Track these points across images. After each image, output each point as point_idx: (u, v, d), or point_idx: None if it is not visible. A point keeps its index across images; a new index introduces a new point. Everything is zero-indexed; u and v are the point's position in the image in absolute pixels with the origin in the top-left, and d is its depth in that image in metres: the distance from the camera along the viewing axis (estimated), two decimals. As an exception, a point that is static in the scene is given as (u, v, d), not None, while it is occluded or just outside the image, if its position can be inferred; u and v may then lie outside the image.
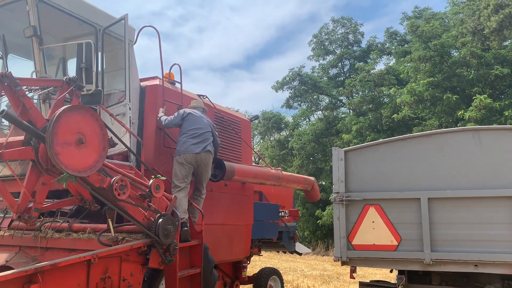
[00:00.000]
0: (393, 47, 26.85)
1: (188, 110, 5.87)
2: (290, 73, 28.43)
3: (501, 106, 16.96)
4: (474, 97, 17.39)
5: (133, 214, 4.09)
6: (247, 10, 79.66)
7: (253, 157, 10.46)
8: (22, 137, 3.57)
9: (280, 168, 8.28)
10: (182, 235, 4.70)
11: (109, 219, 4.15)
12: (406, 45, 25.31)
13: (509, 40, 18.48)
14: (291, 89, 28.81)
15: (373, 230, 5.62)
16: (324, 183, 24.54)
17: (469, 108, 17.27)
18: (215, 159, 6.21)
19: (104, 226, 4.25)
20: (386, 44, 28.12)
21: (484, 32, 16.91)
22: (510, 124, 15.57)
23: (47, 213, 4.78)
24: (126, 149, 4.89)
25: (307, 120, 30.74)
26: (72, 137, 3.42)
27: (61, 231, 4.47)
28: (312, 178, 9.23)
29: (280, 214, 8.64)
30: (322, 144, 25.83)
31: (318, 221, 22.69)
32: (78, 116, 3.51)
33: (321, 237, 23.71)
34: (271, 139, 31.65)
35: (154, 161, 5.66)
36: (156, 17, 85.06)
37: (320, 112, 29.92)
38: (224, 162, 6.28)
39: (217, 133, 6.18)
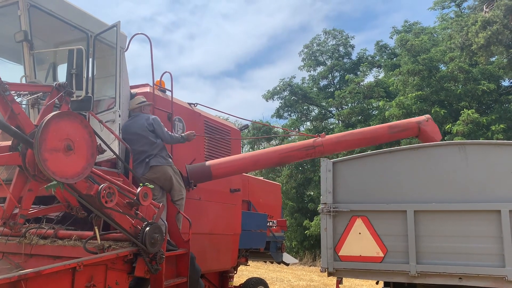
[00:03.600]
0: (383, 60, 27.19)
1: (123, 128, 5.41)
2: (281, 83, 28.65)
3: (488, 121, 17.23)
4: (461, 112, 17.65)
5: (120, 222, 4.07)
6: (239, 19, 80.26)
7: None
8: (9, 143, 3.55)
9: (323, 133, 6.66)
10: None
11: (96, 227, 4.12)
12: (395, 58, 25.65)
13: (496, 56, 18.84)
14: (282, 99, 29.00)
15: (360, 242, 5.65)
16: (312, 193, 24.60)
17: (457, 122, 17.52)
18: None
19: (91, 233, 4.22)
20: (376, 57, 28.48)
21: (472, 48, 17.21)
22: (497, 139, 15.82)
23: (32, 219, 4.72)
24: (114, 156, 4.88)
25: (297, 130, 30.85)
26: (60, 143, 3.40)
27: (46, 238, 4.42)
28: (415, 119, 6.93)
29: (268, 224, 8.64)
30: (311, 155, 25.87)
31: (306, 232, 22.70)
32: (67, 122, 3.50)
33: (309, 248, 23.70)
34: (260, 148, 31.69)
35: (142, 169, 5.62)
36: (147, 23, 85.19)
37: (309, 122, 30.09)
38: (189, 164, 6.06)
39: (164, 129, 5.48)
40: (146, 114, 5.63)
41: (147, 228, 4.18)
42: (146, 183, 4.32)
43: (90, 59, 5.30)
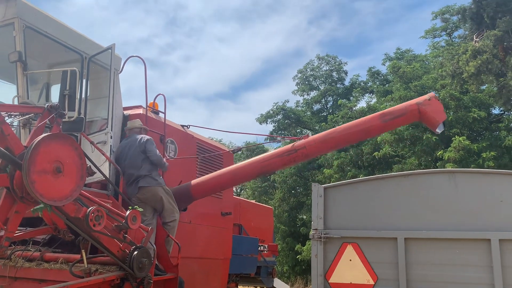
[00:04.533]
0: (375, 86, 27.54)
1: (119, 147, 5.56)
2: (275, 107, 28.88)
3: (479, 148, 17.40)
4: (453, 138, 17.82)
5: (107, 246, 4.01)
6: (235, 42, 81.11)
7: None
8: (-2, 164, 3.52)
9: (306, 135, 6.17)
10: None
11: (83, 250, 4.06)
12: (387, 84, 26.00)
13: (486, 85, 19.17)
14: (275, 123, 29.16)
15: (350, 269, 5.58)
16: (305, 217, 24.47)
17: (448, 149, 17.66)
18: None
19: (78, 256, 4.15)
20: (368, 83, 28.88)
21: (462, 76, 17.53)
22: (488, 166, 15.94)
23: (18, 241, 4.64)
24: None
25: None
26: (49, 165, 3.38)
27: (32, 261, 4.35)
28: (415, 100, 5.93)
29: (259, 249, 8.56)
30: (304, 178, 25.91)
31: (298, 256, 22.47)
32: (57, 144, 3.48)
33: (300, 273, 23.41)
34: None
35: (132, 191, 5.58)
36: (143, 44, 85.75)
37: (303, 146, 30.16)
38: (171, 187, 5.94)
39: (155, 151, 5.41)
40: (140, 135, 5.61)
41: (135, 252, 4.12)
42: (136, 206, 4.28)
43: (84, 80, 5.32)
